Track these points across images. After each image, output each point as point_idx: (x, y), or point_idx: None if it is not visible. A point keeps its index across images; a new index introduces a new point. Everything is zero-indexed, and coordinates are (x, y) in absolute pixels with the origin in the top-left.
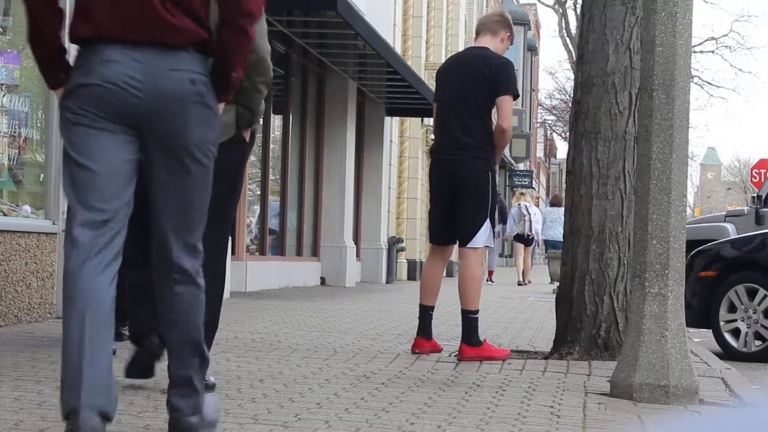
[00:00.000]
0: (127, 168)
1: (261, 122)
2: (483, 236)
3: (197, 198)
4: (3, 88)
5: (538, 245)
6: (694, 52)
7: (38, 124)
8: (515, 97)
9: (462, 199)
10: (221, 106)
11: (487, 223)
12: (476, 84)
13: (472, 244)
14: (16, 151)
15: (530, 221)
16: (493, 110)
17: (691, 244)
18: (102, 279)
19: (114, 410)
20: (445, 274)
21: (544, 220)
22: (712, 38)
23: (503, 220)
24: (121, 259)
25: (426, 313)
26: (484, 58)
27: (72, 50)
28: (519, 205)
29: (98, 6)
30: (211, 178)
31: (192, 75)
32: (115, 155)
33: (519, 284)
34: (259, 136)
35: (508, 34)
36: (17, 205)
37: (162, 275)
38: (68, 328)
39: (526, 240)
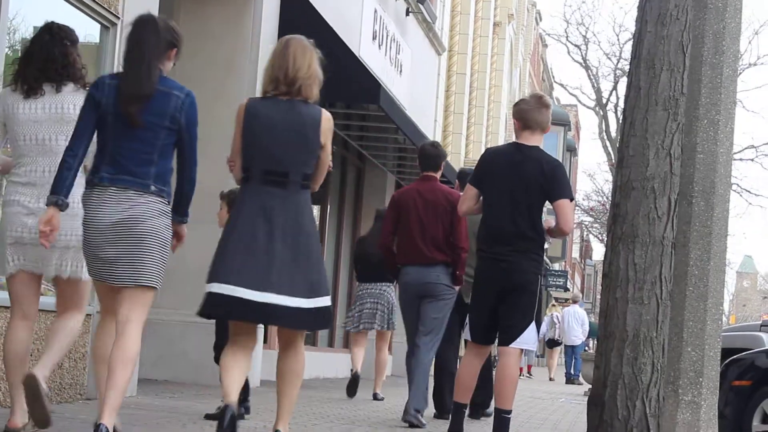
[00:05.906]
0: None
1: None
2: (527, 337)
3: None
4: None
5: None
6: (734, 159)
7: None
8: (572, 200)
9: (512, 299)
10: (456, 288)
11: (533, 325)
12: (530, 187)
13: (517, 344)
14: None
15: (559, 328)
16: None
17: (725, 353)
18: None
19: None
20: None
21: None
22: (752, 146)
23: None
24: None
25: (459, 410)
26: (537, 160)
27: None
28: (552, 315)
29: (407, 249)
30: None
31: (439, 275)
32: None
33: (550, 380)
34: None
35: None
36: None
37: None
38: None
39: (555, 343)
